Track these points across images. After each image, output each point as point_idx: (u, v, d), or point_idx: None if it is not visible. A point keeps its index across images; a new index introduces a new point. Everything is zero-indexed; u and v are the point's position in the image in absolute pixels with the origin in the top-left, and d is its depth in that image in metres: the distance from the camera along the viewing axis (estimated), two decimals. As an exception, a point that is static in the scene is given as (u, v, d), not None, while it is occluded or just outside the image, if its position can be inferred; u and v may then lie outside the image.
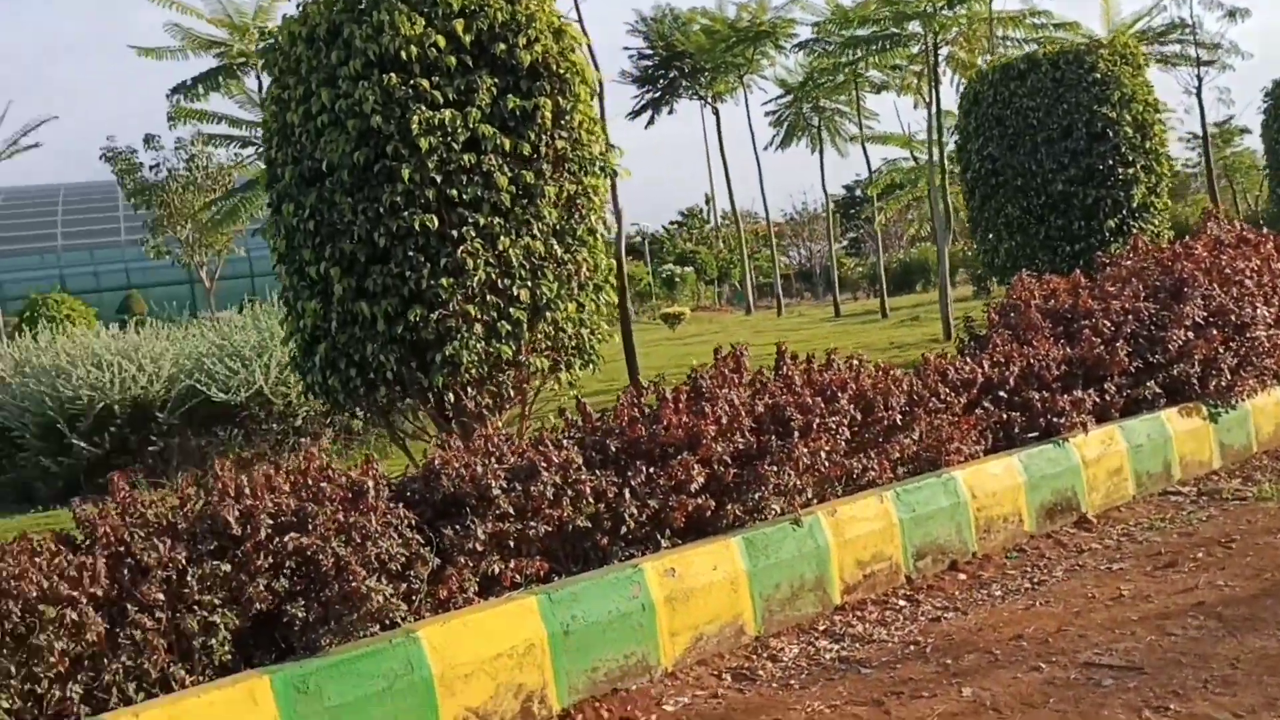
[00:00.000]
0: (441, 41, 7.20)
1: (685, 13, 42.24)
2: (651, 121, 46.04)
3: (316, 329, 7.43)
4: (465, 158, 7.19)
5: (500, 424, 7.60)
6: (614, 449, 6.39)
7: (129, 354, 14.06)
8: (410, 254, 7.10)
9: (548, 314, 7.45)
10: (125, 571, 4.93)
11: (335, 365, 7.33)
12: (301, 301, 7.50)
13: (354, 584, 5.07)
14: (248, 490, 5.44)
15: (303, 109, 7.35)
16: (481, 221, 7.22)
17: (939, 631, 5.56)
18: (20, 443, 13.85)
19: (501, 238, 7.27)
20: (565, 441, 6.36)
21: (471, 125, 7.22)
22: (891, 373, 6.78)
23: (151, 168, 28.32)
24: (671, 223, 67.74)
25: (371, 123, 7.07)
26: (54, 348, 14.19)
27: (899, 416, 6.76)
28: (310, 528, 5.35)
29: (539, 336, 7.43)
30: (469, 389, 7.22)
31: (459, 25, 7.26)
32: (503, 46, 7.39)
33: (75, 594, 4.69)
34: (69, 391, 13.28)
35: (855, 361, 6.85)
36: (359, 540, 5.43)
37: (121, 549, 5.05)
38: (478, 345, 7.13)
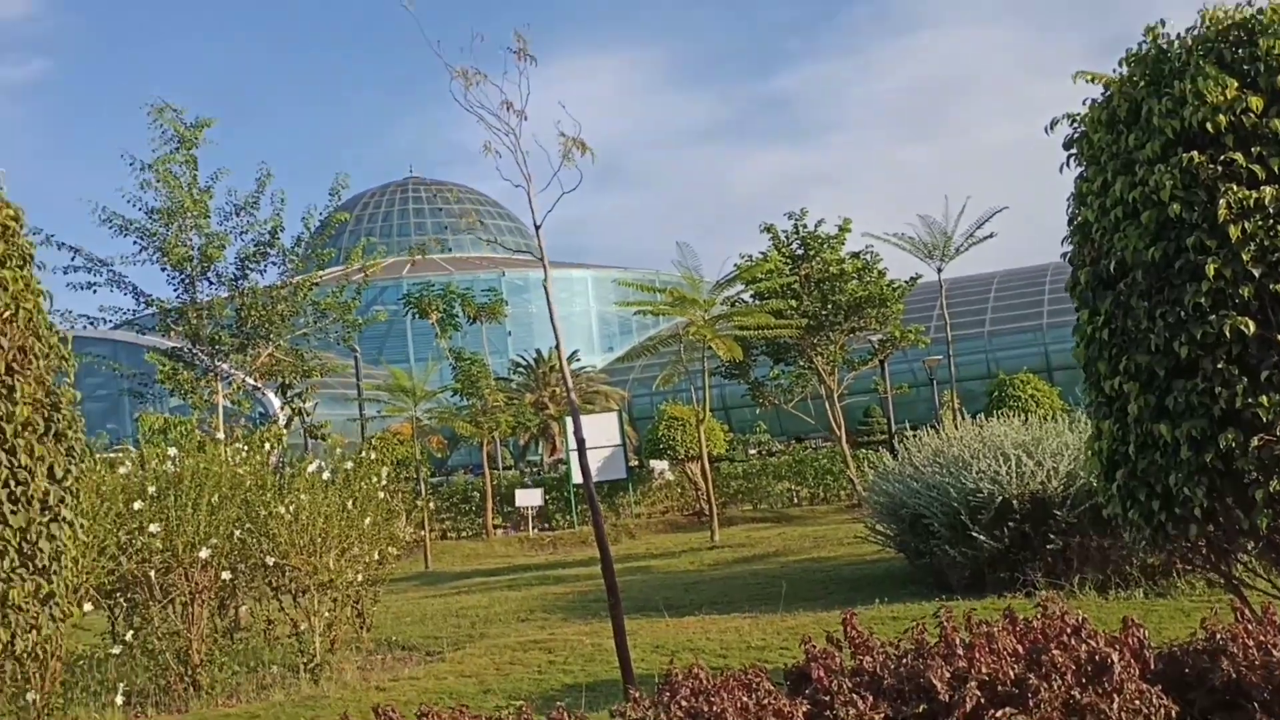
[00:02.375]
0: (1257, 104, 5.88)
1: None
2: None
3: (1114, 452, 6.51)
4: (1297, 242, 5.74)
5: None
6: None
7: (1029, 447, 13.98)
8: (1220, 366, 5.86)
9: None
10: (823, 725, 4.77)
11: (1134, 495, 6.33)
12: (1099, 420, 6.64)
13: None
14: (960, 649, 4.91)
15: (1099, 203, 6.57)
16: (1319, 322, 5.69)
17: None
18: (933, 530, 14.61)
19: (1351, 341, 5.64)
20: None
21: (1304, 202, 5.76)
22: None
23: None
24: None
25: (1169, 211, 6.03)
26: (958, 438, 14.76)
27: None
28: (1031, 705, 4.64)
29: None
30: (1309, 533, 5.68)
31: (1284, 80, 5.88)
32: (1352, 98, 5.79)
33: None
34: (970, 484, 13.62)
35: None
36: (1090, 728, 4.57)
37: (825, 699, 4.89)
38: (1314, 480, 5.58)
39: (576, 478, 28.73)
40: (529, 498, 27.83)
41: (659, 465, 31.83)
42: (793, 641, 9.95)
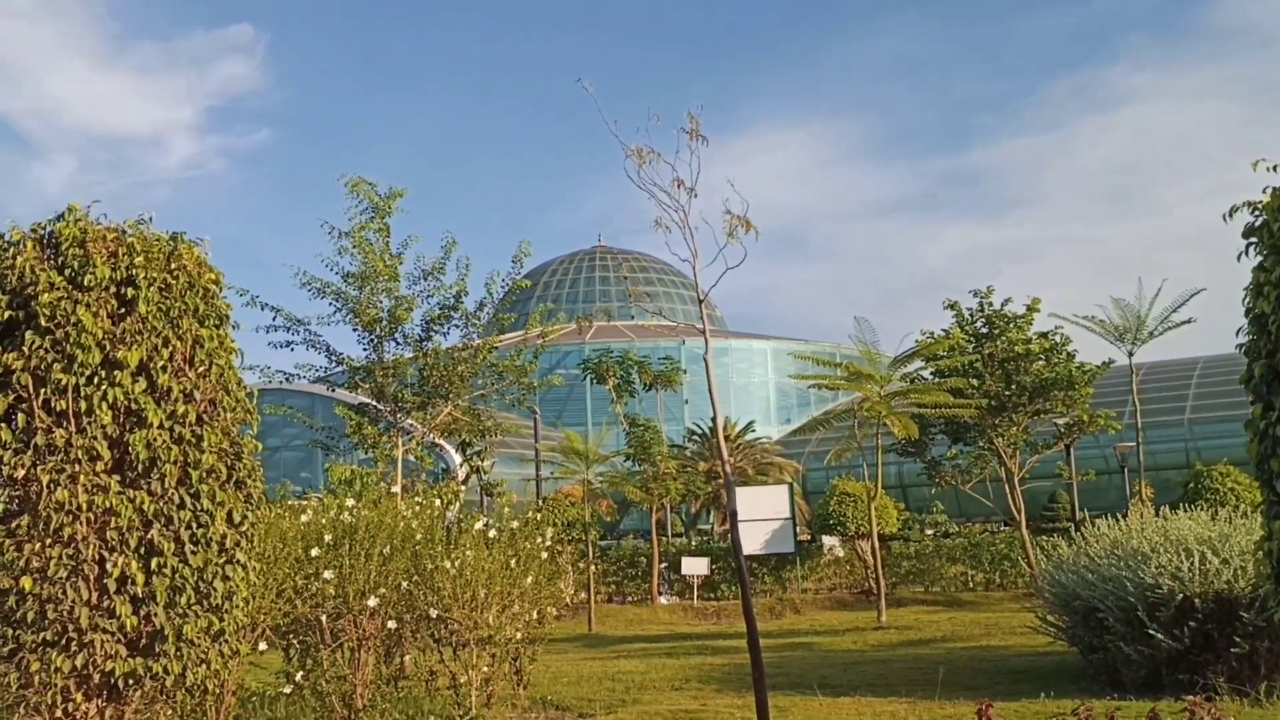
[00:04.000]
0: None
1: None
2: None
3: (1285, 556, 6.15)
4: None
5: None
6: None
7: (1215, 543, 13.23)
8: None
9: None
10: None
11: (1306, 601, 5.96)
12: (1270, 520, 6.28)
13: None
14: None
15: (1276, 293, 6.28)
16: None
17: None
18: (1107, 625, 13.92)
19: None
20: None
21: None
22: None
23: None
24: None
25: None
26: (1138, 529, 14.05)
27: None
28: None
29: None
30: None
31: None
32: None
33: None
34: (1149, 579, 12.96)
35: None
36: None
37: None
38: None
39: (746, 548, 28.62)
40: (695, 565, 27.83)
41: (829, 541, 31.35)
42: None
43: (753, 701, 13.08)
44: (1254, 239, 6.71)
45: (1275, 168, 6.48)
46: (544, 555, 13.95)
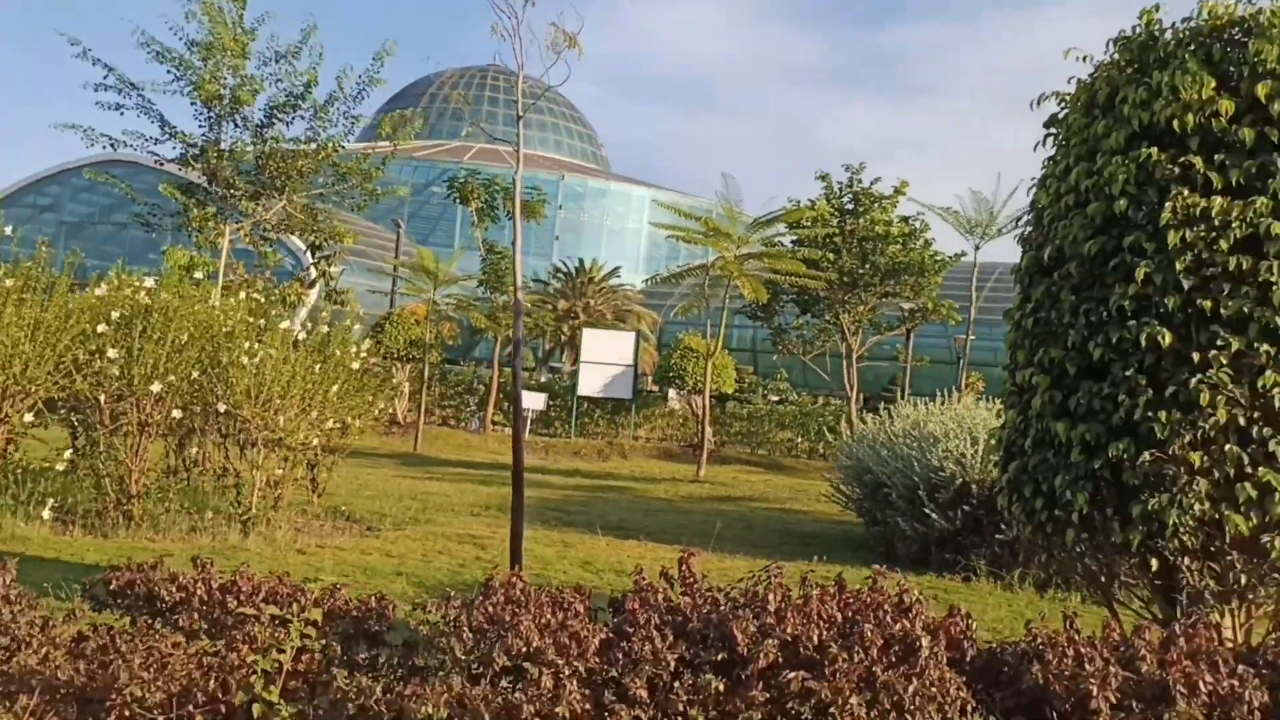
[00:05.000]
0: (1229, 108, 5.51)
1: None
2: None
3: (1012, 444, 6.28)
4: (1235, 261, 5.41)
5: (1236, 620, 5.64)
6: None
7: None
8: (1129, 374, 5.58)
9: (1325, 486, 5.26)
10: (621, 655, 4.65)
11: (1020, 490, 6.11)
12: (1008, 410, 6.40)
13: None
14: (772, 605, 4.78)
15: (1057, 187, 6.25)
16: (1239, 346, 5.38)
17: None
18: (891, 500, 14.41)
19: (1269, 373, 5.33)
20: (1241, 667, 4.44)
21: (1254, 219, 5.41)
22: None
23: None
24: None
25: (1116, 207, 5.71)
26: (938, 414, 14.47)
27: None
28: (828, 672, 4.50)
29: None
30: (1184, 559, 5.45)
31: (1263, 89, 5.49)
32: (1332, 115, 5.41)
33: (561, 660, 4.56)
34: (936, 461, 13.39)
35: None
36: (886, 707, 4.43)
37: (629, 630, 4.77)
38: (1195, 506, 5.33)
39: (583, 389, 28.76)
40: (532, 400, 27.88)
41: (673, 394, 31.74)
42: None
43: (540, 534, 13.30)
44: (1052, 130, 6.65)
45: (1085, 58, 6.37)
46: (354, 365, 13.64)
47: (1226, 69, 5.69)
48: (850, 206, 28.82)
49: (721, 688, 4.50)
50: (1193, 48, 5.81)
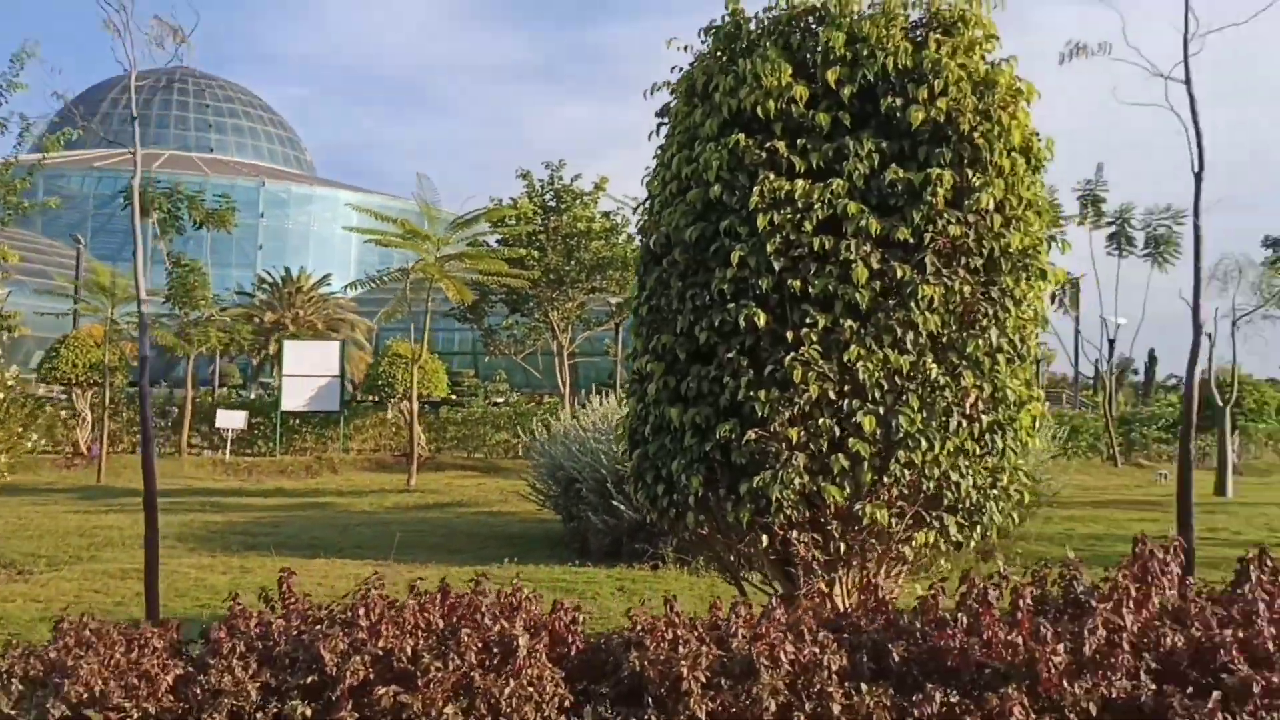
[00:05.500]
0: (804, 94, 5.74)
1: None
2: None
3: (635, 431, 6.35)
4: (819, 241, 5.63)
5: (845, 587, 5.88)
6: (897, 657, 4.51)
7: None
8: (731, 355, 5.72)
9: (902, 453, 5.56)
10: (199, 690, 4.31)
11: (643, 478, 6.18)
12: (629, 398, 6.47)
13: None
14: (365, 619, 4.57)
15: (663, 175, 6.35)
16: (825, 323, 5.60)
17: None
18: (582, 495, 14.50)
19: (853, 347, 5.57)
20: (823, 634, 4.60)
21: (832, 200, 5.65)
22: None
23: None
24: None
25: (711, 193, 5.84)
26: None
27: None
28: (421, 684, 4.33)
29: (887, 481, 5.57)
30: (792, 532, 5.62)
31: (832, 74, 5.74)
32: (895, 101, 5.71)
33: (129, 704, 4.17)
34: (622, 453, 13.55)
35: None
36: (483, 712, 4.30)
37: (210, 661, 4.43)
38: (795, 480, 5.52)
39: (287, 404, 27.58)
40: (231, 419, 26.48)
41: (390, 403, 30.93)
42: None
43: (218, 562, 12.56)
44: (664, 119, 6.75)
45: (685, 48, 6.48)
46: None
47: (804, 56, 5.92)
48: (553, 204, 28.99)
49: (309, 713, 4.25)
50: (774, 36, 6.01)
